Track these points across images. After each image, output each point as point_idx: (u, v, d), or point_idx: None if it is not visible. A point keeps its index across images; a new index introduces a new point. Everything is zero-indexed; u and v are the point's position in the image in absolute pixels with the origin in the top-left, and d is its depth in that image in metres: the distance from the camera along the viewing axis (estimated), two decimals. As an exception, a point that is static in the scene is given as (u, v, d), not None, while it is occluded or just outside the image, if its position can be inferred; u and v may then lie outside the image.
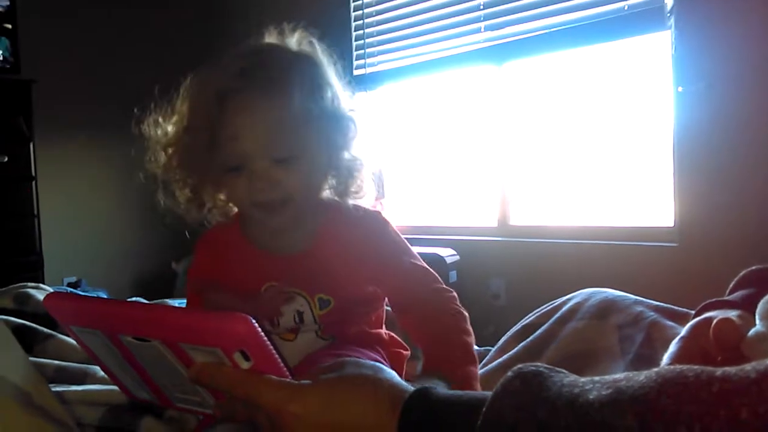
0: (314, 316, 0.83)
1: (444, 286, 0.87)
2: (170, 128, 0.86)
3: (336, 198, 0.87)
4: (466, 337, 0.81)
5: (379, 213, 0.88)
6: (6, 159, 2.97)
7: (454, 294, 0.86)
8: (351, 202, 0.87)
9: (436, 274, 0.88)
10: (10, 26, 3.03)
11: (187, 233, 0.96)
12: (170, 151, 0.86)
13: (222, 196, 0.88)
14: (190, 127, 0.83)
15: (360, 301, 0.87)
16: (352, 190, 0.87)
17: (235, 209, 0.90)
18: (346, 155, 0.85)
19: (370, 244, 0.85)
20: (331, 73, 0.86)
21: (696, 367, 0.41)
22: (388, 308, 0.92)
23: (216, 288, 0.89)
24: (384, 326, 0.92)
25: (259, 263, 0.86)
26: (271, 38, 0.87)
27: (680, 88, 2.30)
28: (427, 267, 0.87)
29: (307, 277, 0.84)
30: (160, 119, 0.87)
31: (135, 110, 0.89)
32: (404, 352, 0.91)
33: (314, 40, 0.87)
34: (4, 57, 3.03)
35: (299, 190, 0.81)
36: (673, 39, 2.31)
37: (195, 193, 0.87)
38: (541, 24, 2.73)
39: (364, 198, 0.88)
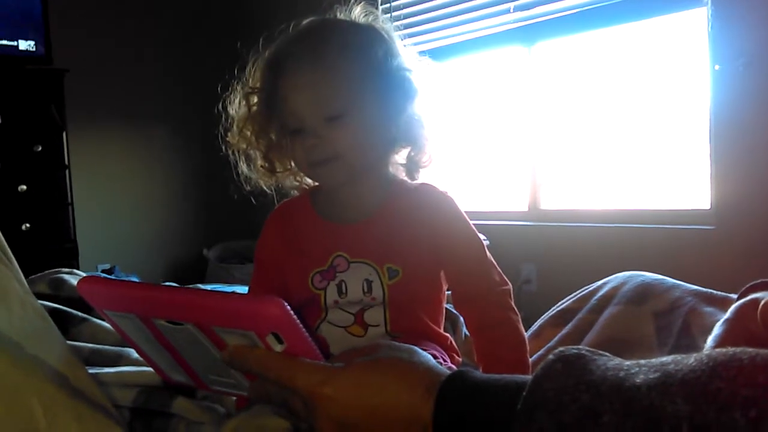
0: (383, 286, 0.83)
1: (503, 285, 0.88)
2: (243, 99, 0.91)
3: (405, 175, 0.89)
4: (512, 352, 0.84)
5: (447, 193, 0.89)
6: (40, 148, 3.02)
7: (509, 288, 0.88)
8: (420, 178, 0.89)
9: (496, 265, 0.89)
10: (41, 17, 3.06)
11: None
12: (242, 120, 0.91)
13: (289, 161, 0.91)
14: (254, 94, 0.89)
15: (427, 275, 0.88)
16: (421, 160, 0.89)
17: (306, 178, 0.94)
18: (407, 118, 0.86)
19: (440, 222, 0.86)
20: (391, 38, 0.88)
21: (750, 349, 0.40)
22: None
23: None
24: (443, 328, 0.92)
25: (326, 233, 0.88)
26: (339, 13, 0.91)
27: (717, 67, 2.23)
28: (490, 258, 0.89)
29: (375, 246, 0.85)
30: (239, 93, 0.92)
31: (218, 89, 0.94)
32: (457, 358, 0.91)
33: (377, 12, 0.91)
34: (36, 48, 3.07)
35: (350, 147, 0.82)
36: (709, 16, 2.24)
37: (266, 159, 0.91)
38: (571, 3, 2.67)
39: (434, 166, 0.90)
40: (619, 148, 2.71)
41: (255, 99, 0.89)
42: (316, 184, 0.93)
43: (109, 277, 1.70)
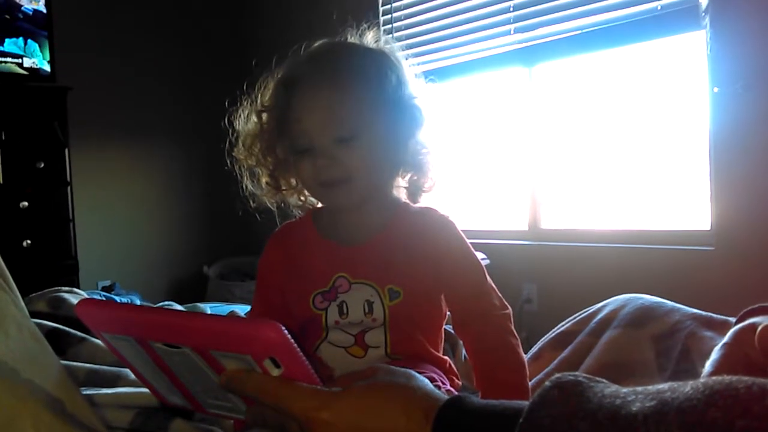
0: (384, 307, 0.83)
1: (503, 309, 0.88)
2: (253, 117, 0.92)
3: (408, 198, 0.91)
4: (511, 375, 0.83)
5: (448, 217, 0.90)
6: (42, 165, 3.03)
7: (509, 312, 0.88)
8: (422, 201, 0.90)
9: (496, 289, 0.89)
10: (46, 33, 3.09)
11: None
12: (251, 136, 0.91)
13: (294, 180, 0.92)
14: (265, 112, 0.89)
15: (428, 298, 0.88)
16: (424, 185, 0.90)
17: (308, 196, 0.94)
18: (413, 144, 0.88)
19: (441, 246, 0.87)
20: (401, 65, 0.89)
21: (746, 378, 0.39)
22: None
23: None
24: (442, 351, 0.92)
25: (329, 254, 0.88)
26: (350, 37, 0.92)
27: (716, 89, 2.25)
28: (490, 281, 0.89)
29: (376, 267, 0.85)
30: (247, 109, 0.93)
31: (226, 103, 0.95)
32: (456, 381, 0.91)
33: (388, 37, 0.93)
34: (40, 66, 3.09)
35: (360, 170, 0.83)
36: (708, 39, 2.26)
37: (272, 176, 0.92)
38: (571, 25, 2.69)
39: (436, 191, 0.91)
40: (620, 169, 2.72)
41: (265, 116, 0.90)
42: (319, 205, 0.94)
43: (108, 295, 1.69)
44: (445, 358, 0.90)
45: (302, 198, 0.95)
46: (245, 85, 0.93)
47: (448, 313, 0.92)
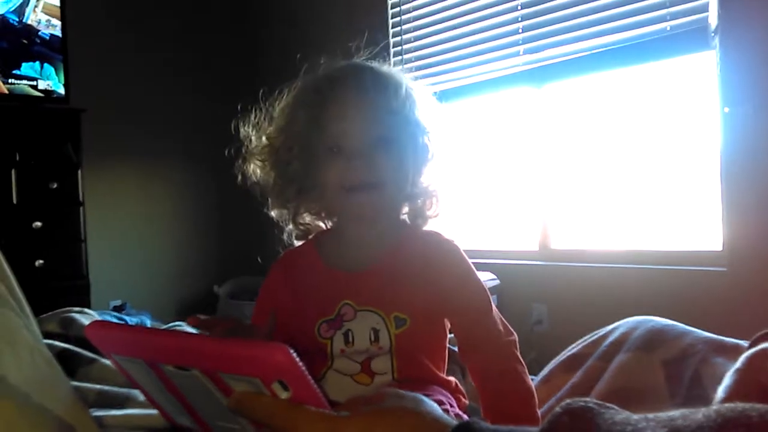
0: (390, 335, 0.83)
1: (508, 335, 0.87)
2: (278, 120, 0.91)
3: (412, 222, 0.91)
4: (519, 407, 0.82)
5: (453, 241, 0.90)
6: (56, 185, 3.06)
7: (515, 338, 0.87)
8: (426, 227, 0.91)
9: (501, 315, 0.89)
10: (61, 57, 3.14)
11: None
12: (276, 134, 0.90)
13: (316, 186, 0.89)
14: (298, 108, 0.88)
15: (433, 324, 0.87)
16: (429, 212, 0.91)
17: (318, 223, 0.94)
18: (427, 170, 0.89)
19: (446, 272, 0.86)
20: (420, 93, 0.91)
21: (759, 406, 0.39)
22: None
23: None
24: (446, 372, 0.92)
25: (334, 281, 0.87)
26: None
27: (726, 109, 2.24)
28: (495, 307, 0.88)
29: (382, 294, 0.84)
30: (268, 115, 0.92)
31: (236, 116, 0.94)
32: (463, 400, 0.91)
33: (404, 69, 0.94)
34: (54, 89, 3.14)
35: (391, 175, 0.84)
36: (718, 59, 2.26)
37: (296, 174, 0.89)
38: (581, 46, 2.70)
39: (439, 219, 0.92)
40: (630, 189, 2.71)
41: (300, 114, 0.87)
42: (321, 230, 0.93)
43: (119, 315, 1.70)
44: (450, 378, 0.90)
45: (308, 220, 0.94)
46: (261, 92, 0.93)
47: (452, 335, 0.91)
